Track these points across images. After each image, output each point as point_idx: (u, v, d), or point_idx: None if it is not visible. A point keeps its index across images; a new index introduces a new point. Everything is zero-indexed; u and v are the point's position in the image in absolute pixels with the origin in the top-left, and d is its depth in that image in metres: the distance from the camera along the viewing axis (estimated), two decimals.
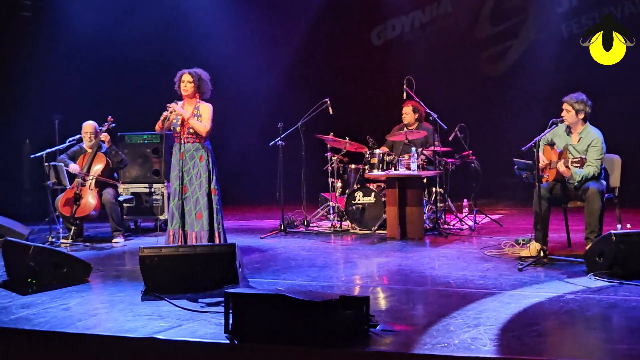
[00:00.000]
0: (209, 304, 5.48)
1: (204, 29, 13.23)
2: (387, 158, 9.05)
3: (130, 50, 12.91)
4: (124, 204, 9.56)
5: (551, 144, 7.28)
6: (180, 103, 7.39)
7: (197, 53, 13.36)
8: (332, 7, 13.17)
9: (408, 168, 8.74)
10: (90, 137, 9.12)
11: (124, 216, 9.54)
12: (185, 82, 7.40)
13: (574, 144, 7.11)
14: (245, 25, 13.29)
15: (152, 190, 10.13)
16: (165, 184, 10.14)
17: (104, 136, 9.12)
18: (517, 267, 6.58)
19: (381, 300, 5.67)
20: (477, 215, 9.50)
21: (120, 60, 12.90)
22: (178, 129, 7.31)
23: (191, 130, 7.29)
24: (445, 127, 9.15)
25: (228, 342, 4.55)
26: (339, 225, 9.46)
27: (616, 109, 11.10)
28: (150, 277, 6.04)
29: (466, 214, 9.81)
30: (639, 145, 11.07)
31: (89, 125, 9.16)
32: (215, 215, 7.29)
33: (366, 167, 9.23)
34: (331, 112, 9.06)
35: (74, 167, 8.89)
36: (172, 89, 13.20)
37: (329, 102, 9.11)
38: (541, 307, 5.15)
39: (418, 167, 8.72)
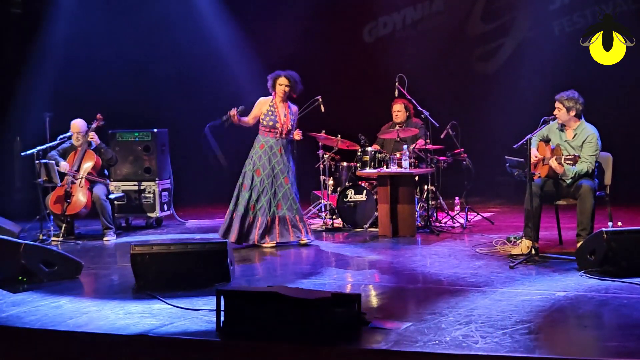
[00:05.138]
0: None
1: (197, 28, 13.20)
2: (378, 156, 9.06)
3: (122, 48, 12.87)
4: (115, 202, 9.53)
5: (546, 140, 7.30)
6: (269, 98, 8.21)
7: (190, 52, 13.37)
8: (324, 4, 13.14)
9: (400, 166, 8.74)
10: (77, 136, 9.09)
11: (115, 214, 9.51)
12: (284, 85, 8.12)
13: (569, 140, 7.12)
14: (236, 24, 13.26)
15: (143, 187, 10.11)
16: (157, 182, 10.12)
17: (92, 134, 9.09)
18: (508, 265, 6.59)
19: (373, 298, 5.68)
20: (468, 212, 9.51)
21: (112, 58, 12.86)
22: (277, 125, 8.10)
23: (294, 128, 8.18)
24: (437, 125, 9.15)
25: (219, 339, 4.55)
26: (330, 223, 9.46)
27: (607, 106, 11.12)
28: (141, 274, 6.04)
29: (458, 211, 9.83)
30: (630, 143, 11.10)
31: (77, 124, 9.13)
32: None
33: (358, 164, 9.24)
34: (323, 110, 9.05)
35: (64, 166, 8.87)
36: (163, 87, 13.22)
37: (320, 99, 9.09)
38: (532, 304, 5.16)
39: (410, 164, 8.73)
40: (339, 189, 9.46)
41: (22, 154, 9.09)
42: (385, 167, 8.92)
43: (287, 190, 8.04)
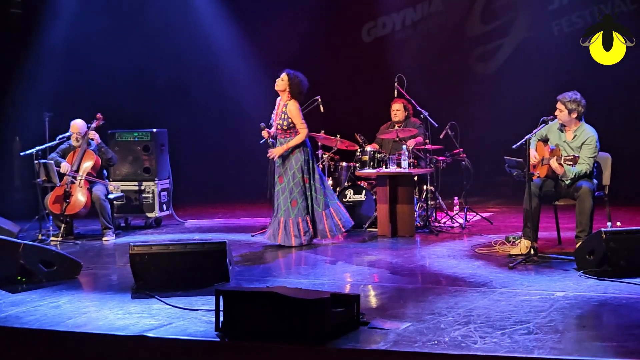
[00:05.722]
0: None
1: (197, 28, 13.21)
2: (377, 156, 9.06)
3: (122, 48, 12.86)
4: (114, 202, 9.52)
5: (545, 140, 7.30)
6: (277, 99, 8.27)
7: (190, 51, 13.37)
8: (323, 5, 13.14)
9: (399, 166, 8.75)
10: (77, 136, 9.08)
11: (114, 214, 9.50)
12: (279, 79, 8.15)
13: (568, 141, 7.12)
14: (235, 25, 13.27)
15: (142, 188, 10.10)
16: (156, 182, 10.11)
17: (92, 134, 9.09)
18: (507, 265, 6.59)
19: (372, 298, 5.68)
20: (467, 213, 9.51)
21: (111, 58, 12.85)
22: (273, 123, 8.24)
23: (283, 127, 8.06)
24: (436, 125, 9.16)
25: (218, 340, 4.55)
26: None
27: (606, 106, 11.12)
28: (140, 274, 6.04)
29: (457, 211, 9.82)
30: (629, 143, 11.10)
31: (76, 124, 9.12)
32: (309, 203, 8.07)
33: (357, 164, 9.24)
34: (322, 110, 9.05)
35: (65, 166, 8.84)
36: (163, 87, 13.21)
37: (319, 100, 9.10)
38: (531, 304, 5.16)
39: (409, 164, 8.73)
40: (338, 189, 9.45)
41: (22, 153, 9.09)
42: (384, 167, 8.92)
43: (279, 190, 8.11)
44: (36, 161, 8.74)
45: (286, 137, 8.12)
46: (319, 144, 9.64)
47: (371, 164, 9.04)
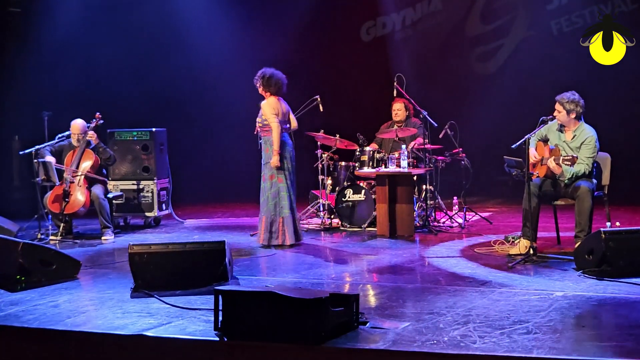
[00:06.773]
0: None
1: (194, 27, 13.21)
2: (377, 155, 9.06)
3: (121, 47, 12.86)
4: (113, 201, 9.51)
5: (545, 140, 7.30)
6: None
7: (187, 51, 13.36)
8: (322, 4, 13.14)
9: (398, 165, 8.75)
10: (77, 137, 9.06)
11: (113, 213, 9.49)
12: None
13: (568, 141, 7.13)
14: (234, 23, 13.27)
15: (141, 187, 10.09)
16: (155, 181, 10.10)
17: (91, 133, 9.07)
18: (506, 265, 6.59)
19: (371, 298, 5.68)
20: (467, 212, 9.51)
21: (111, 57, 12.85)
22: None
23: (259, 125, 8.10)
24: (436, 125, 9.15)
25: (217, 339, 4.55)
26: (329, 223, 9.45)
27: (605, 107, 11.11)
28: (139, 274, 6.04)
29: (456, 211, 9.82)
30: (628, 143, 11.10)
31: (77, 125, 9.08)
32: (285, 202, 8.00)
33: (356, 164, 9.24)
34: (321, 109, 9.05)
35: (50, 159, 8.81)
36: (161, 87, 13.22)
37: (319, 99, 9.10)
38: (530, 304, 5.17)
39: (408, 164, 8.73)
40: (337, 188, 9.46)
41: (20, 152, 9.08)
42: (383, 166, 8.92)
43: (262, 189, 8.16)
44: (35, 160, 8.73)
45: (264, 135, 8.15)
46: (318, 143, 9.63)
47: (370, 163, 9.04)
